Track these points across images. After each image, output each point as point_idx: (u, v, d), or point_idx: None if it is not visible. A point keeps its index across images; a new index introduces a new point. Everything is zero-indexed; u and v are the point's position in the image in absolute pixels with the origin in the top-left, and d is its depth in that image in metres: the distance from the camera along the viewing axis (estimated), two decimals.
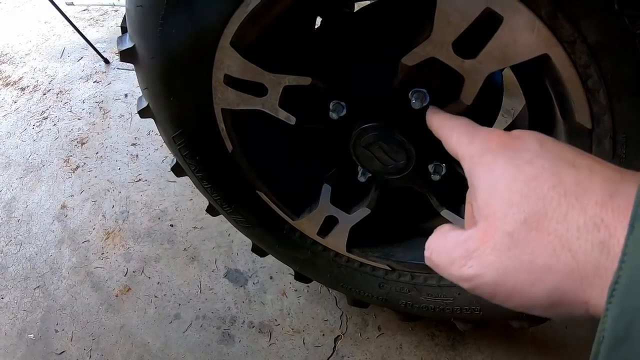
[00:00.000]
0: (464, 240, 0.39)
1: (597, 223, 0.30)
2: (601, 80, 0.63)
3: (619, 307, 0.27)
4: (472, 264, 0.37)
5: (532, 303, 0.34)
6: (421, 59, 0.70)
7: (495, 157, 0.40)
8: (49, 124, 2.36)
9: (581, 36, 0.60)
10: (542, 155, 0.37)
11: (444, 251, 0.41)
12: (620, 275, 0.27)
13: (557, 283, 0.32)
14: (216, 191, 1.10)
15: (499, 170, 0.38)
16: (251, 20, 0.75)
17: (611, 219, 0.30)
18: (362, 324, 1.49)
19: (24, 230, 1.92)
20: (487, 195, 0.38)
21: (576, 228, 0.31)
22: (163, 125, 1.00)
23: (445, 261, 0.40)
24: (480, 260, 0.36)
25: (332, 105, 0.85)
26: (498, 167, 0.39)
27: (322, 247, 1.18)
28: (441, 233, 0.43)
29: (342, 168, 1.04)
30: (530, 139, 0.40)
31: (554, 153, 0.37)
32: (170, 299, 1.62)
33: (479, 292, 0.37)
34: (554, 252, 0.32)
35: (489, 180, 0.39)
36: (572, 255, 0.31)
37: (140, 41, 0.84)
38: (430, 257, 0.44)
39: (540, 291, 0.33)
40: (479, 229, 0.38)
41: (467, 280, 0.38)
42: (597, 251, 0.30)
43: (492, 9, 0.61)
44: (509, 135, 0.42)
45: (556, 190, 0.34)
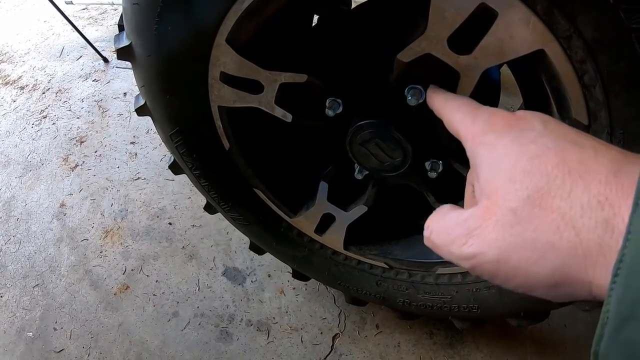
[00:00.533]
0: (464, 219, 0.38)
1: (601, 201, 0.30)
2: (597, 76, 0.63)
3: (623, 287, 0.26)
4: (473, 242, 0.36)
5: (534, 282, 0.34)
6: (416, 55, 0.70)
7: (498, 136, 0.39)
8: (48, 123, 2.36)
9: (577, 31, 0.60)
10: (546, 134, 0.36)
11: (443, 230, 0.40)
12: (625, 254, 0.27)
13: (560, 261, 0.32)
14: (213, 189, 1.10)
15: (502, 148, 0.38)
16: (247, 17, 0.74)
17: (615, 197, 0.30)
18: (360, 322, 1.48)
19: (23, 228, 1.92)
20: (489, 174, 0.38)
21: (580, 206, 0.31)
22: (160, 123, 1.00)
23: (445, 240, 0.40)
24: (482, 238, 0.36)
25: (329, 102, 0.85)
26: (501, 146, 0.38)
27: (320, 245, 1.17)
28: (441, 213, 0.43)
29: (339, 165, 1.03)
30: (534, 119, 0.39)
31: (558, 133, 0.36)
32: (168, 297, 1.62)
33: (479, 271, 0.37)
34: (558, 229, 0.32)
35: (492, 158, 0.38)
36: (576, 232, 0.31)
37: (137, 39, 0.84)
38: (429, 237, 0.43)
39: (543, 270, 0.33)
40: (481, 207, 0.37)
41: (467, 259, 0.37)
42: (601, 229, 0.30)
43: (487, 4, 0.61)
44: (512, 115, 0.41)
45: (560, 169, 0.33)
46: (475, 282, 1.02)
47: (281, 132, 1.06)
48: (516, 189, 0.34)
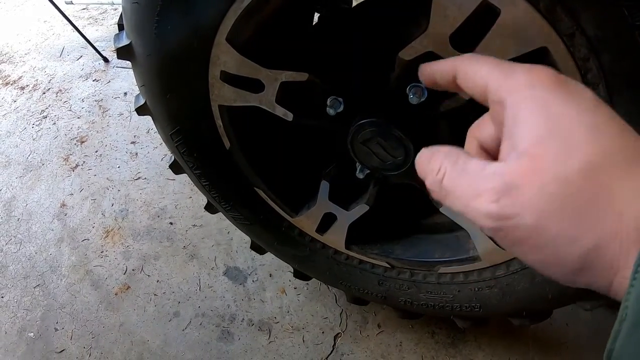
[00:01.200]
0: (497, 172, 0.34)
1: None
2: (601, 74, 0.63)
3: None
4: (508, 201, 0.33)
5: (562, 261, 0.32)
6: (418, 53, 0.69)
7: (551, 93, 0.34)
8: (48, 123, 2.35)
9: (580, 29, 0.59)
10: (601, 110, 0.33)
11: (464, 178, 0.36)
12: None
13: (597, 241, 0.30)
14: (214, 188, 1.10)
15: (558, 107, 0.33)
16: (247, 15, 0.74)
17: None
18: (361, 322, 1.48)
19: (23, 229, 1.92)
20: (540, 132, 0.33)
21: (631, 190, 0.30)
22: (160, 123, 0.99)
23: (467, 192, 0.35)
24: (522, 199, 0.32)
25: (330, 101, 0.84)
26: (556, 105, 0.33)
27: (321, 245, 1.17)
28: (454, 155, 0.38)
29: (340, 164, 1.03)
30: (584, 89, 0.35)
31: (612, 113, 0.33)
32: (169, 296, 1.62)
33: (504, 234, 0.34)
34: (605, 209, 0.30)
35: (545, 116, 0.33)
36: (620, 218, 0.29)
37: (137, 38, 0.84)
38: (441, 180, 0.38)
39: (578, 248, 0.31)
40: (522, 164, 0.33)
41: (496, 218, 0.33)
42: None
43: (489, 1, 0.60)
44: (558, 76, 0.36)
45: (620, 149, 0.31)
46: (477, 281, 1.02)
47: (282, 131, 1.05)
48: (572, 157, 0.31)
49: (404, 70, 0.75)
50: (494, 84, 0.38)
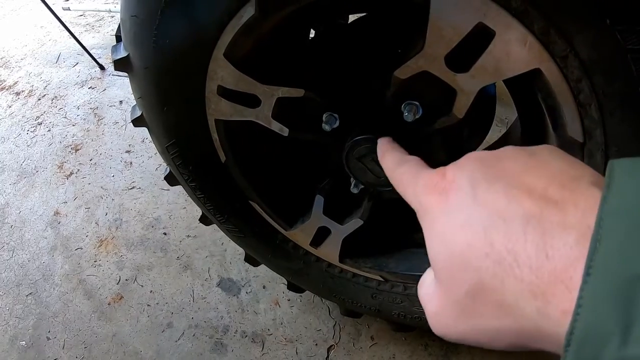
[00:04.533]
0: (428, 300, 0.39)
1: (533, 291, 0.30)
2: (593, 95, 0.64)
3: (574, 357, 0.27)
4: (436, 326, 0.39)
5: (500, 348, 0.35)
6: (413, 72, 0.70)
7: (432, 220, 0.38)
8: (43, 130, 2.35)
9: (573, 51, 0.61)
10: (475, 213, 0.34)
11: (422, 301, 0.41)
12: (575, 327, 0.27)
13: (511, 340, 0.33)
14: (209, 201, 1.10)
15: (437, 238, 0.37)
16: (245, 32, 0.75)
17: (547, 286, 0.29)
18: (355, 334, 1.48)
19: (16, 236, 1.91)
20: (434, 261, 0.38)
21: (513, 296, 0.31)
22: (157, 135, 1.00)
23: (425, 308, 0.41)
24: (441, 325, 0.38)
25: (325, 117, 0.85)
26: (436, 234, 0.37)
27: (315, 258, 1.17)
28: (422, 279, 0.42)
29: (335, 179, 1.03)
30: (463, 188, 0.36)
31: (487, 205, 0.34)
32: (162, 307, 1.61)
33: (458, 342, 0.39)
34: (498, 318, 0.33)
35: (433, 248, 0.38)
36: (515, 319, 0.32)
37: (134, 51, 0.84)
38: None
39: (501, 345, 0.35)
40: (437, 292, 0.38)
41: (443, 337, 0.39)
42: (537, 316, 0.30)
43: (484, 23, 0.61)
44: (443, 181, 0.39)
45: (490, 259, 0.32)
46: None
47: (278, 145, 1.06)
48: (456, 284, 0.35)
49: (399, 89, 0.75)
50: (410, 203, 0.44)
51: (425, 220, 0.39)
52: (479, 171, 0.37)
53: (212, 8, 0.74)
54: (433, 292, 0.39)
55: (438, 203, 0.38)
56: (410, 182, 0.45)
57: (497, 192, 0.34)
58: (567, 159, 0.35)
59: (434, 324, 0.39)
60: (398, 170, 0.50)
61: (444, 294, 0.37)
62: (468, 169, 0.37)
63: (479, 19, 0.61)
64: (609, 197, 0.27)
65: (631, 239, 0.25)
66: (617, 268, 0.25)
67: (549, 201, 0.31)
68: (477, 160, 0.38)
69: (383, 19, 0.89)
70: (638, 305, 0.24)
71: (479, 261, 0.33)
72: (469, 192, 0.36)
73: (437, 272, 0.37)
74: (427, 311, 0.40)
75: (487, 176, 0.36)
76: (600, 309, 0.25)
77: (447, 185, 0.38)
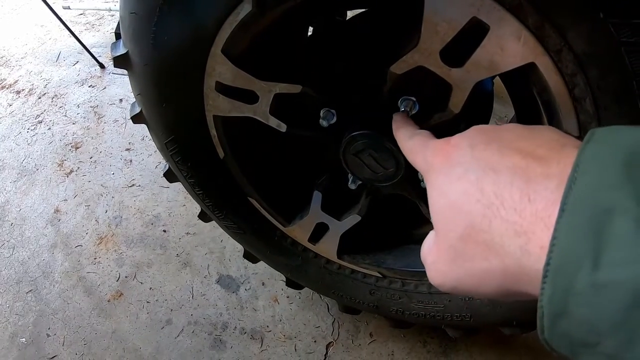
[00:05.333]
0: (427, 253, 0.45)
1: (517, 230, 0.33)
2: (588, 89, 0.64)
3: (551, 287, 0.29)
4: (434, 274, 0.43)
5: (489, 296, 0.39)
6: (409, 67, 0.71)
7: (436, 176, 0.44)
8: (43, 128, 2.35)
9: (568, 45, 0.61)
10: (471, 165, 0.40)
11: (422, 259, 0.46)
12: (551, 257, 0.29)
13: (497, 282, 0.37)
14: (208, 197, 1.10)
15: (438, 189, 0.42)
16: (242, 28, 0.75)
17: (528, 224, 0.33)
18: (354, 331, 1.49)
19: (17, 234, 1.91)
20: (433, 213, 0.43)
21: (499, 236, 0.35)
22: (156, 132, 1.00)
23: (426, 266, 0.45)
24: (438, 272, 0.42)
25: (323, 113, 0.85)
26: (437, 187, 0.43)
27: (314, 254, 1.18)
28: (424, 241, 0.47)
29: (332, 175, 1.04)
30: (463, 147, 0.42)
31: (481, 160, 0.39)
32: (162, 304, 1.61)
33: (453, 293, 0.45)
34: (487, 258, 0.36)
35: (432, 199, 0.43)
36: (500, 259, 0.35)
37: (134, 48, 0.85)
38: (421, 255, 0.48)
39: (488, 289, 0.38)
40: (435, 242, 0.43)
41: (438, 286, 0.44)
42: (519, 253, 0.33)
43: (479, 18, 0.62)
44: (448, 145, 0.45)
45: (481, 204, 0.37)
46: None
47: (276, 141, 1.06)
48: (450, 228, 0.39)
49: (395, 84, 0.76)
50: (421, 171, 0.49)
51: (430, 178, 0.45)
52: (478, 136, 0.42)
53: (210, 5, 0.74)
54: (432, 244, 0.43)
55: (441, 162, 0.44)
56: (421, 149, 0.51)
57: (492, 150, 0.39)
58: (559, 132, 0.39)
59: (432, 274, 0.43)
60: (410, 141, 0.56)
61: (441, 241, 0.41)
62: (469, 135, 0.43)
63: (473, 14, 0.61)
64: (586, 148, 0.31)
65: (601, 179, 0.29)
66: (588, 204, 0.28)
67: (536, 157, 0.36)
68: (478, 129, 0.44)
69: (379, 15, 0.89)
70: (606, 235, 0.27)
71: (470, 206, 0.38)
72: (468, 151, 0.41)
73: (436, 222, 0.42)
74: (426, 263, 0.45)
75: (485, 139, 0.41)
76: (572, 240, 0.29)
77: (450, 148, 0.44)
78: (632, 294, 0.26)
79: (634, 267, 0.26)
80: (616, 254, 0.27)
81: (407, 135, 0.59)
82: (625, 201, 0.27)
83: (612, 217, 0.27)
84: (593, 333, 0.28)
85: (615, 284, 0.26)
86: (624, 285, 0.26)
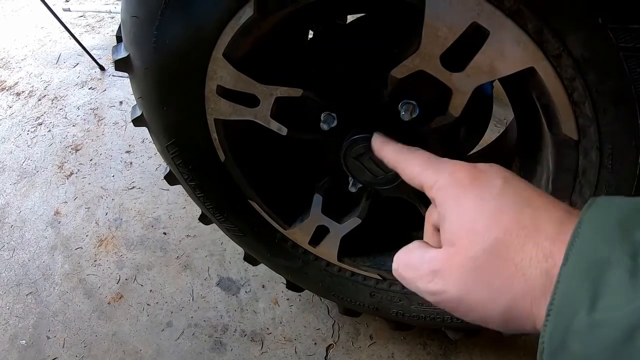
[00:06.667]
0: (431, 258, 0.44)
1: (546, 254, 0.36)
2: (586, 93, 0.64)
3: (552, 324, 0.32)
4: (438, 280, 0.43)
5: (489, 318, 0.40)
6: (410, 71, 0.71)
7: (464, 190, 0.44)
8: (43, 130, 2.36)
9: (566, 50, 0.61)
10: (506, 192, 0.42)
11: (411, 266, 0.46)
12: (555, 298, 0.33)
13: (511, 302, 0.38)
14: (209, 200, 1.11)
15: (468, 203, 0.43)
16: (243, 32, 0.76)
17: (557, 251, 0.36)
18: (354, 333, 1.49)
19: (17, 236, 1.92)
20: (456, 225, 0.43)
21: (529, 258, 0.37)
22: (157, 135, 1.00)
23: (413, 275, 0.46)
24: (446, 279, 0.42)
25: (323, 116, 0.86)
26: (467, 201, 0.43)
27: (314, 257, 1.18)
28: (409, 249, 0.48)
29: (333, 178, 1.04)
30: (495, 175, 0.44)
31: (516, 191, 0.42)
32: (162, 306, 1.62)
33: (442, 305, 0.44)
34: (510, 276, 0.38)
35: (459, 212, 0.44)
36: (525, 280, 0.37)
37: (135, 51, 0.85)
38: (397, 269, 0.49)
39: (497, 308, 0.39)
40: (446, 251, 0.43)
41: (433, 294, 0.44)
42: (544, 277, 0.36)
43: (479, 23, 0.62)
44: (476, 169, 0.46)
45: (517, 224, 0.39)
46: None
47: (276, 144, 1.07)
48: (477, 240, 0.40)
49: (396, 88, 0.76)
50: (427, 183, 0.49)
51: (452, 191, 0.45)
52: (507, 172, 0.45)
53: (212, 9, 0.74)
54: (436, 254, 0.44)
55: (471, 180, 0.45)
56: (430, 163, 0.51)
57: (522, 187, 0.43)
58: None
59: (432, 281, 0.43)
60: (412, 153, 0.56)
61: (457, 252, 0.42)
62: (498, 168, 0.46)
63: (473, 19, 0.62)
64: (587, 211, 0.35)
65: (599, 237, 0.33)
66: (588, 256, 0.33)
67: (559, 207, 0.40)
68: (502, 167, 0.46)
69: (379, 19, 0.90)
70: (603, 283, 0.31)
71: (507, 224, 0.39)
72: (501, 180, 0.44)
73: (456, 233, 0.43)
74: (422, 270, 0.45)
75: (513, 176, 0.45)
76: (573, 285, 0.32)
77: (480, 172, 0.45)
78: (622, 332, 0.29)
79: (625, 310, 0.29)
80: (611, 300, 0.30)
81: (404, 149, 0.60)
82: (620, 255, 0.31)
83: (609, 268, 0.31)
84: None
85: (608, 324, 0.30)
86: (615, 325, 0.29)
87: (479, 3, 0.60)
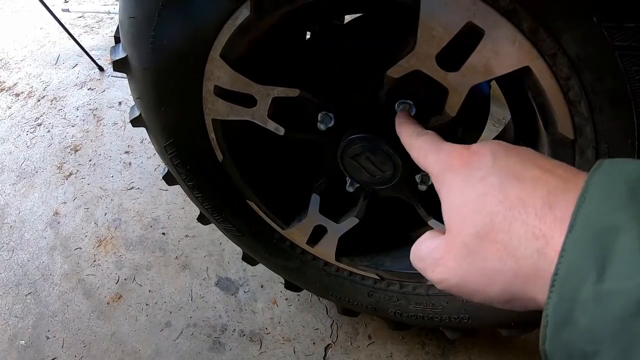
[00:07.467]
0: (433, 249, 0.45)
1: (535, 233, 0.35)
2: (582, 92, 0.64)
3: (557, 296, 0.31)
4: (439, 269, 0.43)
5: (491, 300, 0.40)
6: (406, 71, 0.71)
7: (454, 176, 0.45)
8: (42, 131, 2.36)
9: (562, 49, 0.61)
10: (493, 172, 0.41)
11: (420, 257, 0.47)
12: (559, 268, 0.31)
13: (506, 284, 0.38)
14: (207, 200, 1.11)
15: (456, 188, 0.44)
16: (240, 32, 0.76)
17: (548, 229, 0.35)
18: (352, 333, 1.49)
19: (16, 236, 1.92)
20: (448, 211, 0.44)
21: (518, 238, 0.36)
22: (155, 135, 1.01)
23: (422, 266, 0.47)
24: (445, 267, 0.43)
25: (320, 116, 0.86)
26: (455, 186, 0.44)
27: (312, 256, 1.18)
28: (419, 241, 0.48)
29: (330, 178, 1.04)
30: (485, 155, 0.44)
31: (504, 168, 0.41)
32: (161, 307, 1.62)
33: (449, 291, 0.44)
34: (501, 258, 0.37)
35: (449, 198, 0.44)
36: (516, 260, 0.36)
37: (133, 52, 0.85)
38: (412, 261, 0.49)
39: (494, 290, 0.39)
40: (444, 239, 0.44)
41: (438, 283, 0.44)
42: (535, 256, 0.35)
43: (474, 22, 0.62)
44: (468, 151, 0.46)
45: (502, 205, 0.38)
46: None
47: (274, 144, 1.07)
48: (467, 225, 0.40)
49: (392, 87, 0.76)
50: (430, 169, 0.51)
51: (446, 177, 0.46)
52: (499, 149, 0.44)
53: (209, 10, 0.75)
54: (438, 243, 0.44)
55: (461, 164, 0.45)
56: (433, 149, 0.52)
57: (514, 161, 0.42)
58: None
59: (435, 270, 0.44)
60: (419, 139, 0.57)
61: (452, 238, 0.42)
62: (490, 146, 0.45)
63: (469, 19, 0.62)
64: (594, 175, 0.34)
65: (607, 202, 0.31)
66: (595, 222, 0.31)
67: (555, 174, 0.38)
68: (498, 142, 0.46)
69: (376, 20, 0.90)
70: (611, 251, 0.29)
71: (492, 206, 0.39)
72: (489, 159, 0.43)
73: (450, 220, 0.43)
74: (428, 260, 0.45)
75: (505, 152, 0.43)
76: (579, 253, 0.31)
77: (471, 154, 0.45)
78: (633, 304, 0.27)
79: (636, 279, 0.27)
80: (620, 268, 0.29)
81: (414, 133, 0.60)
82: (629, 221, 0.29)
83: (617, 235, 0.29)
84: (593, 342, 0.29)
85: (617, 294, 0.28)
86: (625, 296, 0.28)
87: (474, 2, 0.61)
